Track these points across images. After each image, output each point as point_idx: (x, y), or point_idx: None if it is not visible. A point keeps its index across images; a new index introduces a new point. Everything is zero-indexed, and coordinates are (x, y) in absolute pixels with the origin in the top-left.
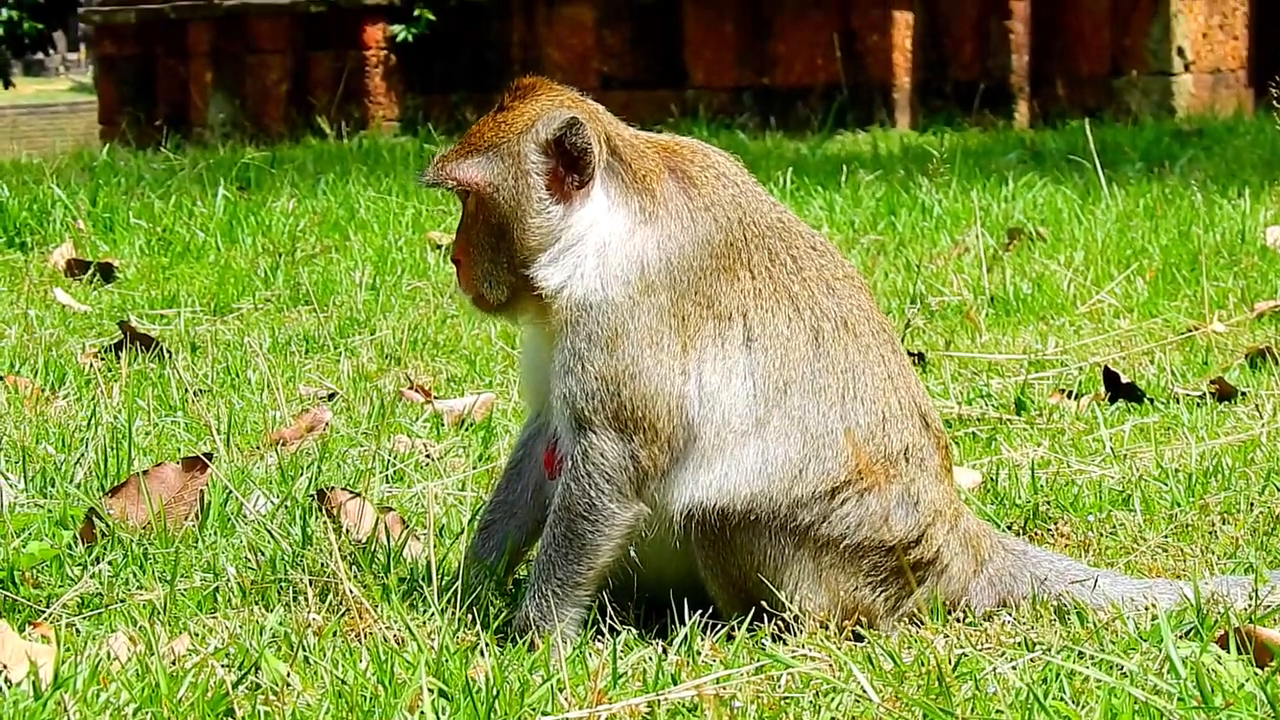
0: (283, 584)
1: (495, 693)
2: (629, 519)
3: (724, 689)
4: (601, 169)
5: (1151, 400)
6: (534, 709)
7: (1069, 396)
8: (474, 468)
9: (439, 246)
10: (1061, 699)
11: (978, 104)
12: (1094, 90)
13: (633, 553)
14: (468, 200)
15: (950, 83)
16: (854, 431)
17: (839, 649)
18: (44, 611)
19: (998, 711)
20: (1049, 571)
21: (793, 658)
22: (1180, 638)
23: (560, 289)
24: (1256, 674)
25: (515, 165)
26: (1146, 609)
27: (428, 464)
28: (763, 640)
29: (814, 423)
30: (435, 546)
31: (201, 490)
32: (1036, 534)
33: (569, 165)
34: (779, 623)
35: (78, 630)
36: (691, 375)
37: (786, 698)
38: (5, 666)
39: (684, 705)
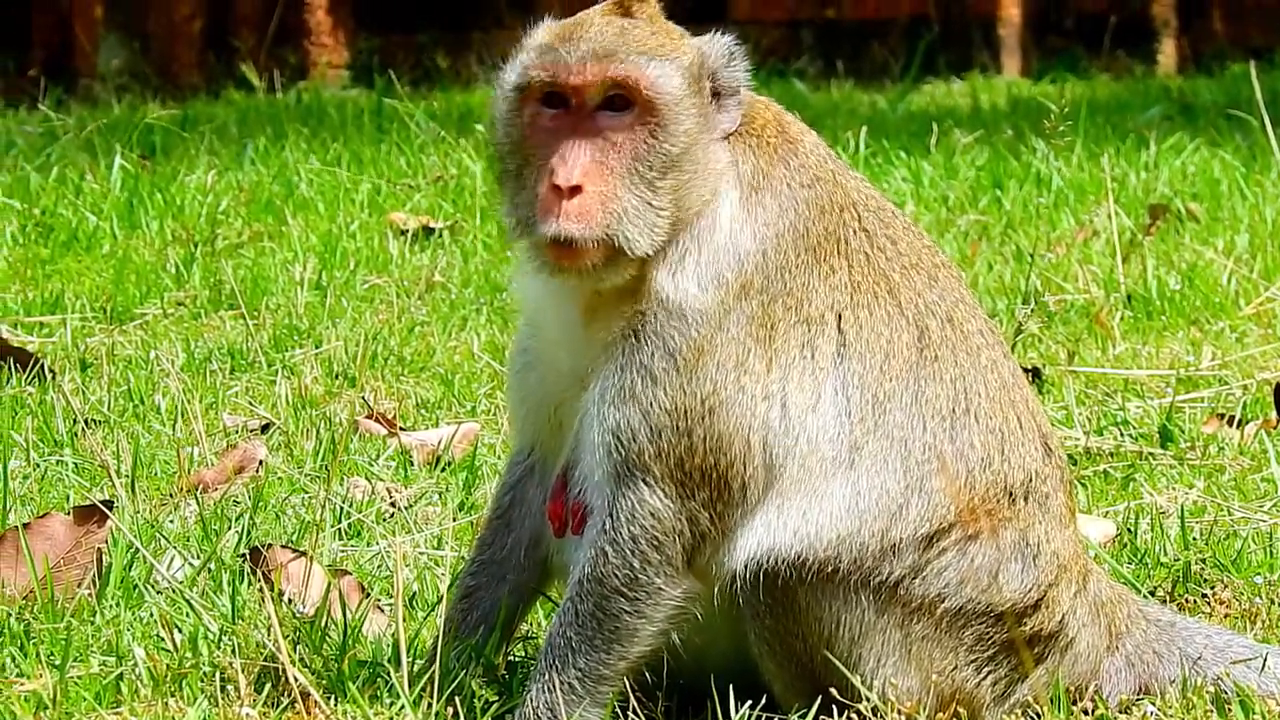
0: (206, 670)
1: None
2: (677, 597)
3: None
4: None
5: None
6: None
7: (1230, 424)
8: (453, 519)
9: (404, 232)
10: None
11: (1109, 43)
12: (1262, 24)
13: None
14: (622, 112)
15: (1073, 15)
16: (966, 456)
17: None
18: None
19: None
20: (1204, 648)
21: None
22: None
23: (662, 271)
24: None
25: (698, 85)
26: None
27: (392, 515)
28: None
29: (919, 445)
30: (404, 620)
31: (99, 549)
32: (1188, 601)
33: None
34: (853, 715)
35: None
36: (775, 398)
37: None
38: None
39: None
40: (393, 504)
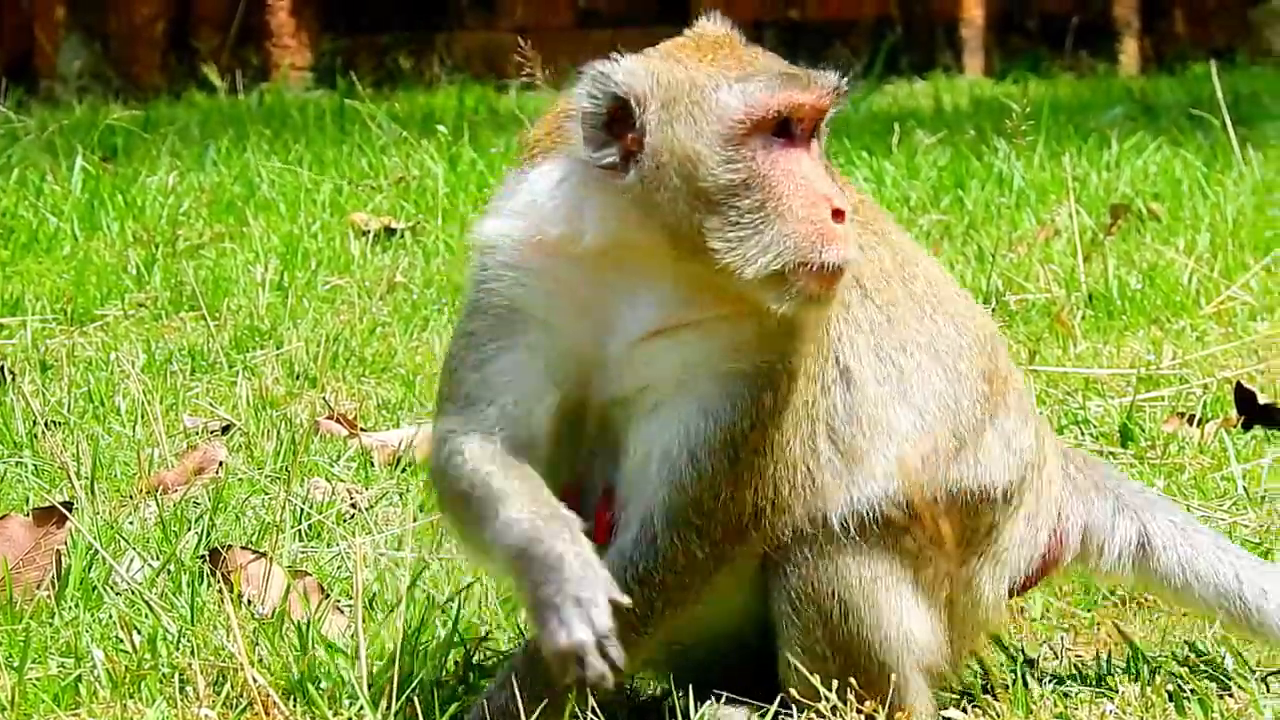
0: (165, 671)
1: None
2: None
3: None
4: None
5: None
6: None
7: (1190, 422)
8: (413, 520)
9: (365, 232)
10: None
11: (1071, 43)
12: (1223, 24)
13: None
14: (814, 139)
15: (1035, 16)
16: (979, 336)
17: None
18: None
19: None
20: (1134, 495)
21: None
22: None
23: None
24: None
25: None
26: None
27: (353, 516)
28: None
29: (943, 343)
30: (364, 621)
31: (58, 550)
32: (1147, 600)
33: None
34: (814, 716)
35: None
36: (838, 382)
37: None
38: None
39: None
40: (353, 505)
